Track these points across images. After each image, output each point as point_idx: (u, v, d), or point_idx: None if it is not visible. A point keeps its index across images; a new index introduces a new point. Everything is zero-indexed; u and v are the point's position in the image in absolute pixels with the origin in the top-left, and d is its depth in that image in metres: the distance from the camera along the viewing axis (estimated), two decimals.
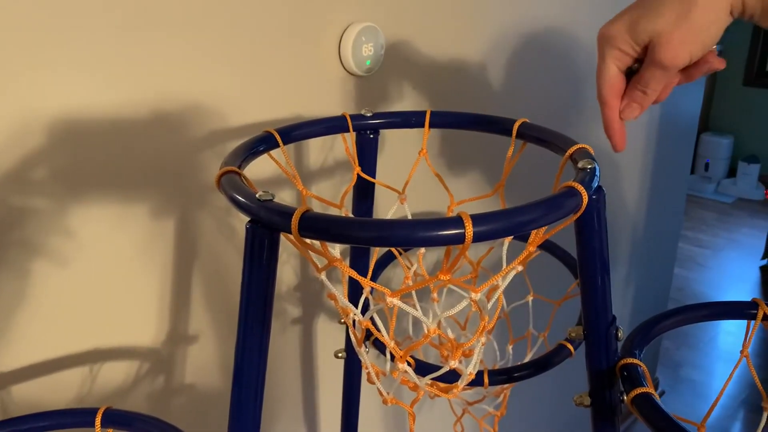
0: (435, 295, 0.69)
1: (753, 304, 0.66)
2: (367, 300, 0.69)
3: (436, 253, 1.17)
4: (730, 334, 2.73)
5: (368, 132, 0.70)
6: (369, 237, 0.43)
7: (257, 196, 0.47)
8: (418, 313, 0.52)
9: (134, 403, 0.81)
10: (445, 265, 0.49)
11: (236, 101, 0.79)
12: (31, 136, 0.63)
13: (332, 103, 0.92)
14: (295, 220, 0.44)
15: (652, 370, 2.31)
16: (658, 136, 1.83)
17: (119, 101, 0.68)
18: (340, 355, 0.87)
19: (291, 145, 0.90)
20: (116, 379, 0.79)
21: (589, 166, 0.52)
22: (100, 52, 0.66)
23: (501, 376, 0.76)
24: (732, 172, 4.34)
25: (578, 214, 0.48)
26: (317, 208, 0.84)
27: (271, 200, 0.47)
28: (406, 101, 1.02)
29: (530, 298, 0.86)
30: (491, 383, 0.76)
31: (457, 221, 0.43)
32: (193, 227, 0.80)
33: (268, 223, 0.46)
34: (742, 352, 0.65)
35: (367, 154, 0.71)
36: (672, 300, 2.33)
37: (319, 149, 0.93)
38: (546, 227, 0.49)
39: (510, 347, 0.95)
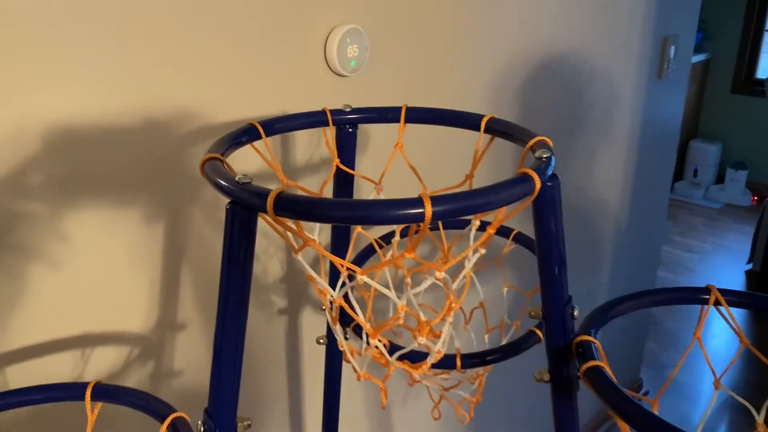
0: (409, 280, 0.73)
1: (706, 290, 0.70)
2: (345, 284, 0.73)
3: (420, 250, 1.21)
4: (715, 336, 2.77)
5: (347, 126, 0.74)
6: (338, 215, 0.47)
7: (236, 179, 0.51)
8: (388, 291, 0.57)
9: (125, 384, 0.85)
10: (410, 244, 0.53)
11: (224, 102, 0.83)
12: (26, 143, 0.67)
13: (318, 101, 0.96)
14: (270, 200, 0.48)
15: (635, 371, 2.35)
16: (641, 141, 1.88)
17: (108, 105, 0.72)
18: (321, 341, 0.91)
19: (278, 142, 0.94)
20: (107, 364, 0.83)
21: (545, 156, 0.56)
22: (88, 55, 0.70)
23: (474, 360, 0.80)
24: (720, 179, 4.40)
25: (532, 197, 0.53)
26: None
27: (249, 183, 0.51)
28: (389, 100, 1.06)
29: (504, 290, 0.91)
30: (464, 366, 0.80)
31: (418, 201, 0.47)
32: (184, 221, 0.84)
33: (247, 203, 0.50)
34: (695, 335, 0.69)
35: (346, 148, 0.76)
36: None
37: (305, 146, 0.97)
38: (504, 210, 0.54)
39: (486, 336, 0.99)
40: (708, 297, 0.70)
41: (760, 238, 3.25)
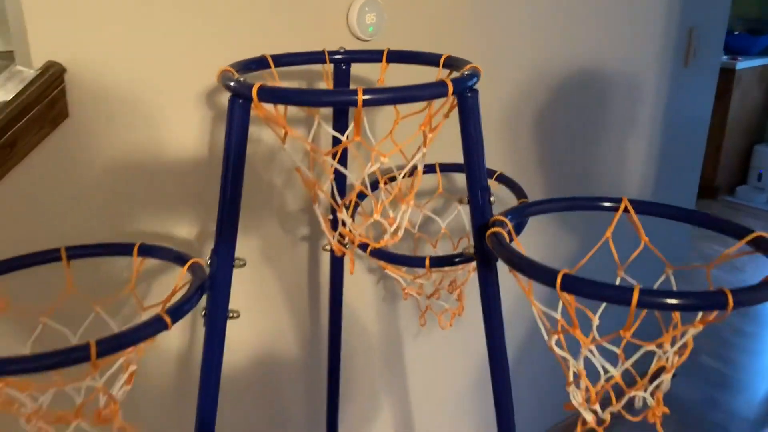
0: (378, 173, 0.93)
1: (618, 199, 0.86)
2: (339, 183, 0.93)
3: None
4: (755, 322, 2.81)
5: (341, 64, 0.95)
6: (297, 99, 0.68)
7: (235, 77, 0.73)
8: (344, 169, 0.77)
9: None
10: (356, 128, 0.73)
11: None
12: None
13: None
14: (255, 89, 0.69)
15: None
16: (663, 135, 1.98)
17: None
18: (326, 248, 1.12)
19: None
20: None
21: (467, 73, 0.75)
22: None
23: (441, 260, 0.99)
24: None
25: (449, 99, 0.72)
26: (303, 125, 1.09)
27: (243, 80, 0.72)
28: None
29: (459, 207, 1.09)
30: (432, 265, 0.99)
31: (354, 92, 0.67)
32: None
33: (239, 93, 0.72)
34: (605, 235, 0.86)
35: (341, 82, 0.96)
36: None
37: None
38: (433, 107, 0.73)
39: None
40: (619, 205, 0.86)
41: None
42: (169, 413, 1.14)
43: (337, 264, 1.14)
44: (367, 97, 0.67)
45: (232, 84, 0.72)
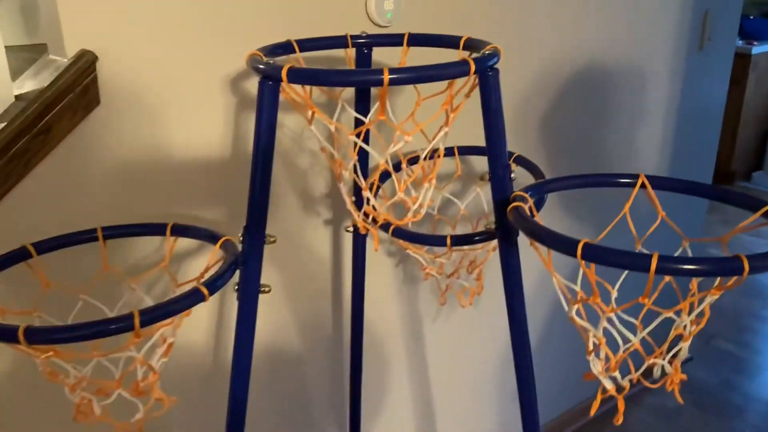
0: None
1: (635, 175, 0.89)
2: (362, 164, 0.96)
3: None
4: None
5: (363, 48, 0.98)
6: (327, 79, 0.71)
7: (264, 60, 0.76)
8: (368, 147, 0.80)
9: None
10: (381, 108, 0.76)
11: None
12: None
13: None
14: (284, 71, 0.72)
15: None
16: (678, 120, 1.99)
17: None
18: (349, 228, 1.15)
19: None
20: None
21: (487, 52, 0.78)
22: None
23: (462, 239, 1.02)
24: None
25: (470, 78, 0.74)
26: (325, 110, 1.12)
27: (272, 62, 0.75)
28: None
29: (478, 189, 1.12)
30: (453, 244, 1.01)
31: (380, 71, 0.70)
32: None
33: (270, 75, 0.75)
34: (624, 209, 0.88)
35: (363, 66, 0.99)
36: None
37: None
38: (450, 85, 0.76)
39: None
40: (636, 181, 0.88)
41: None
42: (199, 389, 1.18)
43: (359, 244, 1.17)
44: (393, 76, 0.70)
45: (261, 66, 0.75)
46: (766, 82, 4.14)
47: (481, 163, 1.41)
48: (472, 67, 0.73)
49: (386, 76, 0.69)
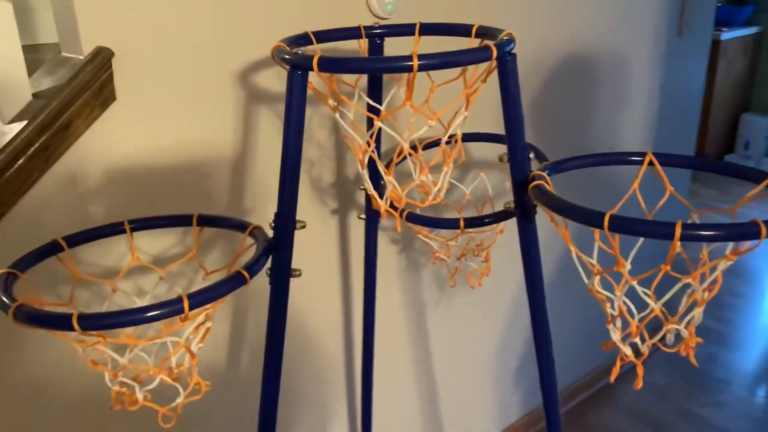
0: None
1: (642, 153, 0.93)
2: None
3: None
4: (750, 283, 2.91)
5: (376, 39, 1.01)
6: (356, 67, 0.74)
7: (291, 51, 0.78)
8: (393, 132, 0.83)
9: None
10: (408, 93, 0.79)
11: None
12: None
13: None
14: (315, 59, 0.75)
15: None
16: (660, 105, 2.05)
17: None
18: (361, 216, 1.18)
19: None
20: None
21: (506, 38, 0.81)
22: None
23: (474, 221, 1.05)
24: None
25: (492, 62, 0.78)
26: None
27: (301, 52, 0.78)
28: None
29: (482, 174, 1.16)
30: (467, 226, 1.05)
31: (409, 58, 0.73)
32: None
33: (300, 65, 0.77)
34: (632, 187, 0.92)
35: (376, 56, 1.02)
36: None
37: None
38: (476, 73, 0.79)
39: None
40: (644, 158, 0.93)
41: None
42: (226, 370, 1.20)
43: (371, 232, 1.20)
44: (422, 62, 0.73)
45: (290, 57, 0.78)
46: (736, 67, 4.25)
47: (478, 149, 1.45)
48: (494, 52, 0.77)
49: (415, 62, 0.72)
